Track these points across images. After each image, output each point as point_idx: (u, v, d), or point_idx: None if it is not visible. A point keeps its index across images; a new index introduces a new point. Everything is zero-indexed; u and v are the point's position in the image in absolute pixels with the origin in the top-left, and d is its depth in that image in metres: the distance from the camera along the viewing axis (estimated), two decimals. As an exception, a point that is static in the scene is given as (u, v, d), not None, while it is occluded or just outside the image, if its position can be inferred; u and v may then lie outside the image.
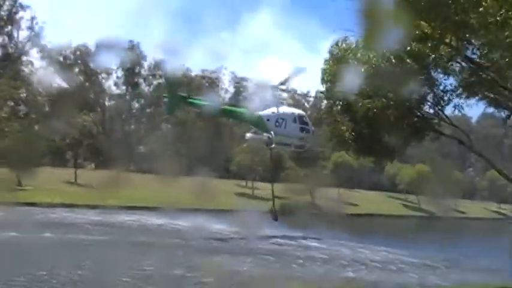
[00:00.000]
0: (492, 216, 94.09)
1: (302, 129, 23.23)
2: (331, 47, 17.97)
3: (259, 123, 22.23)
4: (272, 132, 20.97)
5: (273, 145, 22.20)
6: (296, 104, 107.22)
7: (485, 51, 12.57)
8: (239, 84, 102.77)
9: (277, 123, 21.18)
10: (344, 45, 17.63)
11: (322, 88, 19.50)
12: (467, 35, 10.70)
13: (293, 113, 20.88)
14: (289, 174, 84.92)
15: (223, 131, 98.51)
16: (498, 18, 9.35)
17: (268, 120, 21.53)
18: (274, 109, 21.64)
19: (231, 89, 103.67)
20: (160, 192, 56.14)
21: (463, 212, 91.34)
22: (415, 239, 48.28)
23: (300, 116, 20.67)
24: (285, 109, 21.81)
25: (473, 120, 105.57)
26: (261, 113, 21.02)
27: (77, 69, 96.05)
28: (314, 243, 41.89)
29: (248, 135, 36.95)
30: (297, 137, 21.23)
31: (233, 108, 22.58)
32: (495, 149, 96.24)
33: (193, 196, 58.80)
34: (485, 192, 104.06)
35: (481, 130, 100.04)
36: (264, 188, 73.92)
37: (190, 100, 30.95)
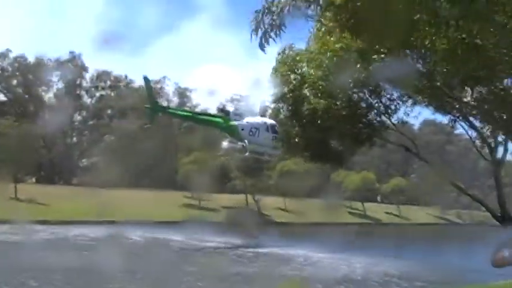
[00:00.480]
0: (436, 222, 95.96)
1: (274, 138, 23.25)
2: (279, 53, 17.70)
3: (234, 132, 22.14)
4: (246, 141, 21.09)
5: (247, 153, 22.10)
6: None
7: (427, 60, 12.47)
8: (183, 94, 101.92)
9: (250, 132, 21.22)
10: (291, 52, 17.40)
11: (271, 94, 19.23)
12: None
13: (265, 123, 20.91)
14: (235, 185, 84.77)
15: (169, 142, 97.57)
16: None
17: (242, 129, 21.58)
18: (249, 118, 21.72)
19: (175, 99, 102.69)
20: (104, 205, 55.02)
21: (407, 218, 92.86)
22: (362, 246, 48.75)
23: (272, 126, 20.83)
24: (257, 119, 21.91)
25: (416, 127, 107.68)
26: (236, 122, 21.04)
27: (15, 81, 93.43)
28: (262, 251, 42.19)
29: (225, 143, 37.00)
30: (269, 146, 21.34)
31: (210, 118, 22.55)
32: (437, 156, 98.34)
33: (139, 208, 57.99)
34: (429, 198, 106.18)
35: (423, 137, 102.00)
36: (210, 199, 73.43)
37: (169, 110, 31.79)
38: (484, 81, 10.63)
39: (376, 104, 18.12)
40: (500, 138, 19.40)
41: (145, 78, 17.42)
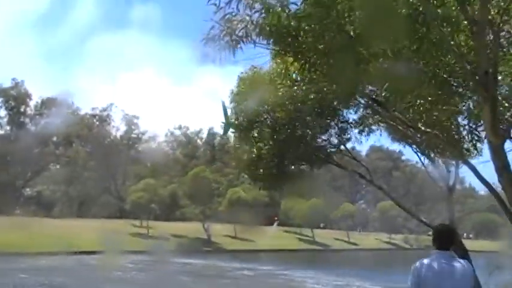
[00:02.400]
0: (384, 247, 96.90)
1: None
2: (240, 76, 17.45)
3: None
4: None
5: None
6: (189, 142, 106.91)
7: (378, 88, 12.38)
8: (130, 121, 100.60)
9: None
10: (250, 74, 17.19)
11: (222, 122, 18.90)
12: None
13: None
14: (185, 212, 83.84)
15: (117, 169, 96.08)
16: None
17: None
18: None
19: (123, 127, 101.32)
20: (49, 236, 53.54)
21: (356, 244, 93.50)
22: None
23: None
24: None
25: (363, 153, 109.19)
26: None
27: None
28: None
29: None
30: None
31: None
32: (383, 181, 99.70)
33: (84, 238, 56.65)
34: (377, 223, 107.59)
35: (370, 163, 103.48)
36: (159, 227, 72.22)
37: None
38: (439, 108, 10.55)
39: (332, 130, 18.07)
40: (451, 165, 19.60)
41: (223, 103, 17.16)
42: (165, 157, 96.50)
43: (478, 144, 11.73)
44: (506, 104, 9.80)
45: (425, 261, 6.11)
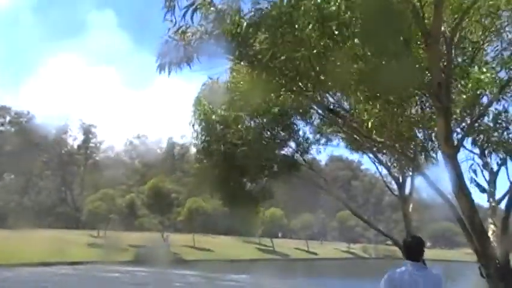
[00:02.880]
0: (343, 256, 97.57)
1: None
2: (200, 90, 17.35)
3: None
4: None
5: None
6: (148, 151, 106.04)
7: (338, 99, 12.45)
8: (88, 130, 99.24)
9: None
10: (207, 91, 17.11)
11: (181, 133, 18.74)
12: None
13: None
14: (143, 222, 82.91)
15: (74, 179, 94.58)
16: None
17: None
18: None
19: (80, 136, 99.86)
20: (2, 248, 52.24)
21: (315, 253, 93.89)
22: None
23: None
24: None
25: (322, 163, 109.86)
26: None
27: None
28: None
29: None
30: None
31: None
32: (342, 190, 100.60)
33: (41, 250, 55.57)
34: (336, 233, 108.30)
35: (330, 172, 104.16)
36: (116, 238, 71.22)
37: None
38: (396, 119, 10.63)
39: (292, 142, 18.12)
40: (408, 175, 19.79)
41: None
42: (123, 167, 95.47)
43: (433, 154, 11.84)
44: (460, 115, 9.94)
45: (399, 271, 6.30)
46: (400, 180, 21.16)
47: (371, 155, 20.14)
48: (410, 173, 19.32)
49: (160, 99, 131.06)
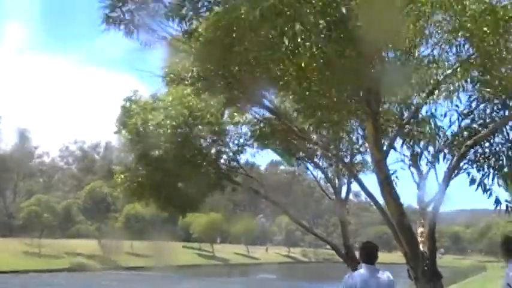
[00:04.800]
0: (283, 260, 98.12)
1: None
2: (125, 100, 17.13)
3: None
4: None
5: None
6: (85, 156, 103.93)
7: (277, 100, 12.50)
8: (23, 134, 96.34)
9: None
10: (135, 98, 16.90)
11: (116, 137, 18.43)
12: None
13: None
14: (80, 229, 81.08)
15: (7, 185, 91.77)
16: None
17: None
18: None
19: (14, 140, 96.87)
20: None
21: (255, 258, 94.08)
22: None
23: None
24: None
25: (262, 168, 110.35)
26: None
27: None
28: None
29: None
30: None
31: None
32: (282, 195, 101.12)
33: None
34: (276, 237, 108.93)
35: (269, 177, 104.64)
36: (52, 245, 69.28)
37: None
38: (331, 124, 10.73)
39: (226, 149, 18.10)
40: (344, 179, 20.02)
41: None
42: (59, 172, 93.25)
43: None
44: (388, 120, 10.10)
45: (357, 273, 6.90)
46: (337, 185, 21.42)
47: (307, 159, 20.40)
48: (346, 177, 19.57)
49: (98, 102, 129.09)
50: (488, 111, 9.92)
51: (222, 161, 18.30)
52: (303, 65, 8.04)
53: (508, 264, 7.29)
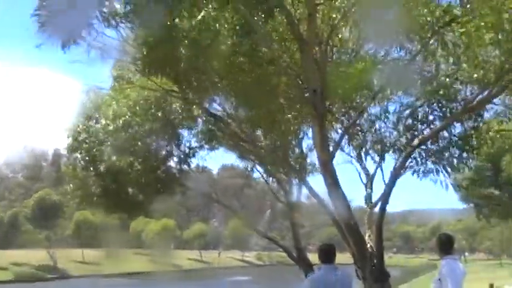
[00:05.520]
0: (237, 264, 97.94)
1: None
2: (73, 104, 16.82)
3: None
4: None
5: None
6: (33, 164, 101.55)
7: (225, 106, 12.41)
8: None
9: None
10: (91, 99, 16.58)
11: (66, 144, 18.04)
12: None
13: None
14: (28, 238, 79.08)
15: None
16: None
17: None
18: None
19: None
20: None
21: (209, 263, 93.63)
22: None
23: None
24: None
25: (214, 172, 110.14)
26: None
27: None
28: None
29: None
30: None
31: None
32: (235, 199, 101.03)
33: None
34: (229, 241, 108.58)
35: (222, 181, 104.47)
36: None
37: None
38: (278, 127, 10.72)
39: (175, 152, 17.90)
40: (294, 182, 20.05)
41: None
42: (5, 181, 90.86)
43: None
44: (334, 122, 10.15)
45: (319, 273, 7.34)
46: (287, 188, 21.44)
47: (257, 162, 20.37)
48: (297, 179, 19.58)
49: (47, 108, 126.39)
50: (429, 110, 10.08)
51: (172, 163, 18.13)
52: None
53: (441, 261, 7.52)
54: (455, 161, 10.12)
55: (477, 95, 8.86)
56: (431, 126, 9.73)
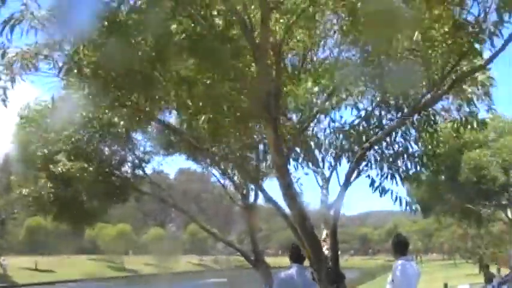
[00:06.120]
0: (195, 269, 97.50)
1: None
2: (21, 108, 16.54)
3: None
4: None
5: None
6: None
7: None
8: None
9: None
10: (34, 107, 16.35)
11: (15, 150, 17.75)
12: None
13: None
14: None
15: None
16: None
17: None
18: None
19: None
20: None
21: (167, 268, 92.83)
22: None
23: None
24: None
25: (171, 176, 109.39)
26: None
27: None
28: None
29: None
30: None
31: None
32: (193, 203, 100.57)
33: None
34: (187, 246, 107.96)
35: (179, 185, 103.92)
36: None
37: None
38: (232, 133, 10.68)
39: (130, 157, 17.76)
40: (251, 186, 20.09)
41: None
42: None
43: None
44: (289, 125, 10.17)
45: (289, 272, 7.54)
46: (244, 191, 21.44)
47: (214, 168, 20.34)
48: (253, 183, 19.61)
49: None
50: (384, 113, 10.20)
51: (126, 169, 17.99)
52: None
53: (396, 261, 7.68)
54: (408, 167, 10.26)
55: (424, 95, 9.01)
56: (385, 128, 9.84)
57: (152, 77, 8.38)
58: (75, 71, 8.30)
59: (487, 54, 7.84)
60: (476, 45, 7.53)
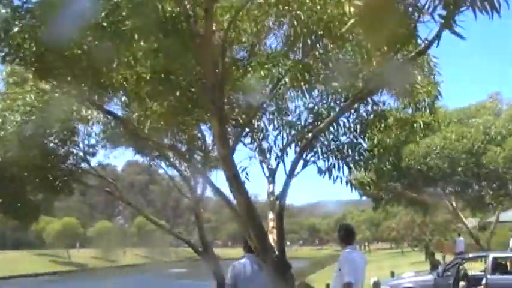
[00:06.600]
0: (143, 262, 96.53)
1: None
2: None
3: None
4: None
5: None
6: None
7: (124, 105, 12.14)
8: None
9: None
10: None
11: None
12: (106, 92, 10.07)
13: None
14: None
15: None
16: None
17: None
18: None
19: None
20: None
21: (114, 261, 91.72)
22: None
23: None
24: None
25: (119, 168, 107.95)
26: None
27: None
28: None
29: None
30: None
31: None
32: (141, 195, 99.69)
33: None
34: (135, 239, 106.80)
35: (127, 177, 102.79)
36: None
37: None
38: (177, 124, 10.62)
39: (74, 151, 17.47)
40: (198, 177, 20.09)
41: None
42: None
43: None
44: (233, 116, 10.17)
45: (242, 261, 7.95)
46: (192, 183, 21.42)
47: (162, 160, 20.21)
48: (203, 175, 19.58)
49: None
50: (332, 104, 10.35)
51: (71, 162, 17.69)
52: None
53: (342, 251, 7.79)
54: (351, 159, 10.46)
55: (367, 83, 9.10)
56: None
57: (99, 63, 8.26)
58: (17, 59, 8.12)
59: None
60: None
